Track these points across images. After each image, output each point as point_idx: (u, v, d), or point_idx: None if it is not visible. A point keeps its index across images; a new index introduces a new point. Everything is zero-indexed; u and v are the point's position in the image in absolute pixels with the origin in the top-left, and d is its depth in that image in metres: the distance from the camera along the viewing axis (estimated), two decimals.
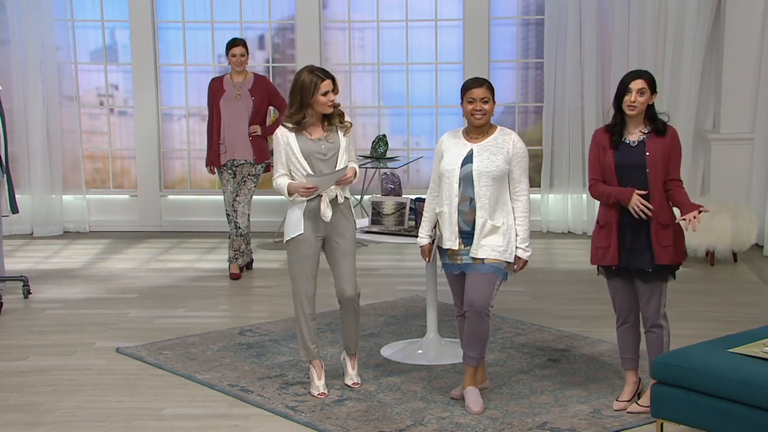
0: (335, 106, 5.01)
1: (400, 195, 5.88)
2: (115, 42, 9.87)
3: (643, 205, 4.65)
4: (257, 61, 9.70)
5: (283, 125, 5.02)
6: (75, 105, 9.67)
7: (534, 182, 9.31)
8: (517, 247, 4.85)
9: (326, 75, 4.95)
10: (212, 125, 7.63)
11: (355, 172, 5.09)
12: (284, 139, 4.98)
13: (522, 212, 4.86)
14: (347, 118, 5.10)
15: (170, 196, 9.79)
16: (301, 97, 4.92)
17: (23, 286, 7.21)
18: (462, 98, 4.88)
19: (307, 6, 9.45)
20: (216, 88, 7.65)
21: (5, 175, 7.13)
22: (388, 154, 8.88)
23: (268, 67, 9.66)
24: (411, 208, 5.62)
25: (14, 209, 7.24)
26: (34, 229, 9.59)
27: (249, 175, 7.63)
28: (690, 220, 4.59)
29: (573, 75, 9.09)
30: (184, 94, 9.76)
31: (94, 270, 8.13)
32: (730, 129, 8.77)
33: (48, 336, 6.26)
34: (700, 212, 4.60)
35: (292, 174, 5.00)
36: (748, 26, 8.65)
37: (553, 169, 9.35)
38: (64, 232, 9.67)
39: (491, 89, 4.87)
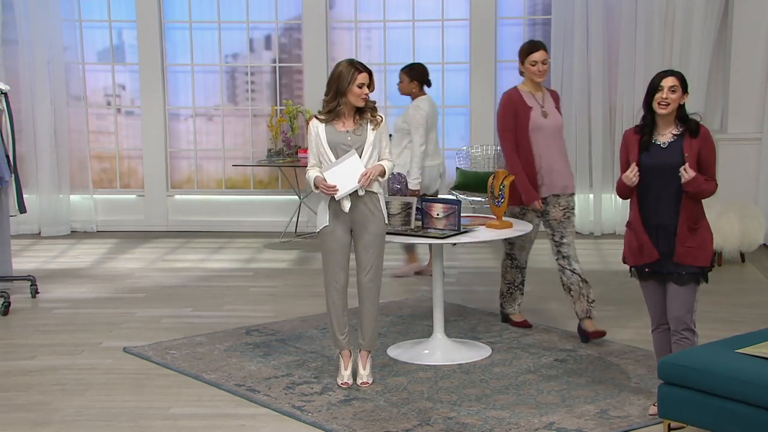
0: (369, 101, 5.12)
1: (406, 195, 5.88)
2: (122, 42, 9.89)
3: (632, 174, 4.61)
4: (264, 61, 9.71)
5: (315, 117, 5.16)
6: (82, 105, 9.69)
7: None
8: None
9: (364, 68, 5.08)
10: (526, 151, 5.93)
11: (383, 171, 5.12)
12: (314, 129, 5.13)
13: None
14: (379, 113, 5.18)
15: (177, 196, 9.81)
16: (337, 87, 5.05)
17: (31, 285, 7.22)
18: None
19: (313, 6, 9.45)
20: (522, 105, 5.93)
21: (13, 174, 7.14)
22: None
23: (275, 66, 9.67)
24: (417, 208, 5.61)
25: (22, 209, 7.25)
26: (41, 229, 9.61)
27: (569, 208, 6.06)
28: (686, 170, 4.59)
29: (580, 75, 9.07)
30: (191, 94, 9.77)
31: (102, 270, 8.15)
32: (738, 129, 8.75)
33: (55, 335, 6.27)
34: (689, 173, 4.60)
35: (322, 165, 5.12)
36: (755, 26, 8.64)
37: None
38: (72, 231, 9.69)
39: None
